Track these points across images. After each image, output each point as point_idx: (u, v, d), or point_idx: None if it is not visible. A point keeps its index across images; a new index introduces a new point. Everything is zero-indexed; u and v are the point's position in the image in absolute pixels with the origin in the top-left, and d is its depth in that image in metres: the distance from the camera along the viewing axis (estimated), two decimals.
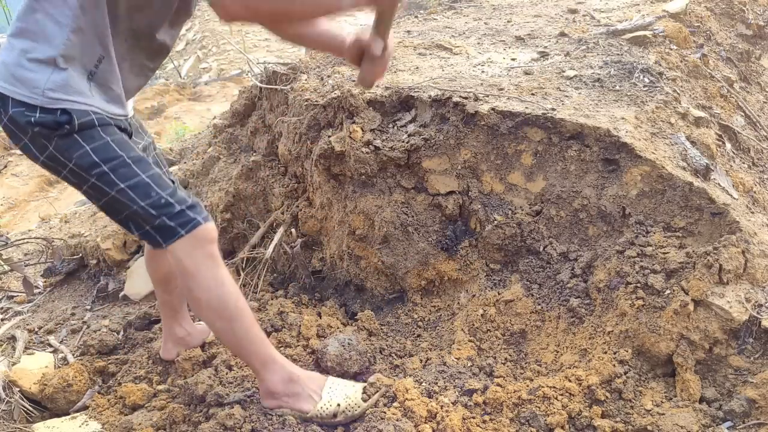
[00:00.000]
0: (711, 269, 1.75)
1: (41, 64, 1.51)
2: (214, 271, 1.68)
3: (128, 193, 1.62)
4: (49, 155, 1.60)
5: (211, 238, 1.70)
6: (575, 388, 1.76)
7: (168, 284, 2.10)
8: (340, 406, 1.77)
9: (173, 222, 1.64)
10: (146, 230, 1.67)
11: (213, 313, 1.71)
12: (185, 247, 1.65)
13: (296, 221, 2.68)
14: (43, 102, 1.52)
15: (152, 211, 1.63)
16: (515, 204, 2.22)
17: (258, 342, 1.75)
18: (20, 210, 5.11)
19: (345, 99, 2.32)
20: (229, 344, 1.78)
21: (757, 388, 1.65)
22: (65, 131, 1.55)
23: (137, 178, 1.63)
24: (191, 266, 1.66)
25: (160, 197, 1.64)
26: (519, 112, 2.14)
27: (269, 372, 1.76)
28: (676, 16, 3.02)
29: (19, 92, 1.52)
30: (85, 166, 1.59)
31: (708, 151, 2.20)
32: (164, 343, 2.20)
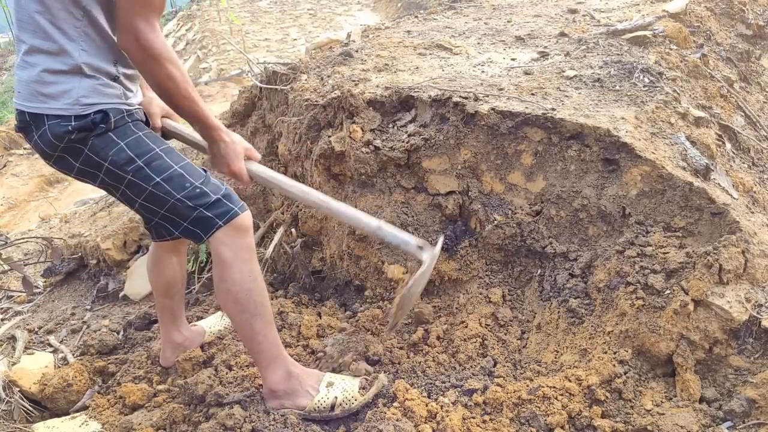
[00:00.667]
0: (711, 269, 1.75)
1: (67, 75, 1.54)
2: (249, 265, 1.70)
3: (164, 186, 1.63)
4: (84, 160, 1.61)
5: (248, 226, 1.71)
6: (575, 388, 1.76)
7: (170, 290, 2.10)
8: (338, 399, 1.79)
9: (210, 212, 1.66)
10: (185, 226, 1.68)
11: (238, 306, 1.72)
12: (224, 237, 1.67)
13: (296, 221, 2.69)
14: (78, 110, 1.54)
15: (188, 203, 1.64)
16: (515, 204, 2.22)
17: (271, 341, 1.78)
18: (20, 210, 5.11)
19: (345, 99, 2.32)
20: (245, 337, 1.80)
21: (757, 388, 1.64)
22: (101, 130, 1.58)
23: (171, 170, 1.64)
24: (229, 257, 1.68)
25: (195, 187, 1.65)
26: (519, 112, 2.14)
27: (272, 370, 1.78)
28: (676, 16, 3.02)
29: (51, 106, 1.54)
30: (121, 163, 1.61)
31: (708, 151, 2.20)
32: (163, 351, 2.20)
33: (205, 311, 2.58)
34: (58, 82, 1.54)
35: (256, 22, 10.59)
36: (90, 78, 1.56)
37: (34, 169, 5.78)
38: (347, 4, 11.87)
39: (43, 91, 1.54)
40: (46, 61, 1.53)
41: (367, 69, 2.65)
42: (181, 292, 2.17)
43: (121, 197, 1.71)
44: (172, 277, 2.08)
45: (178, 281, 2.12)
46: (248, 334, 1.77)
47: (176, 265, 2.08)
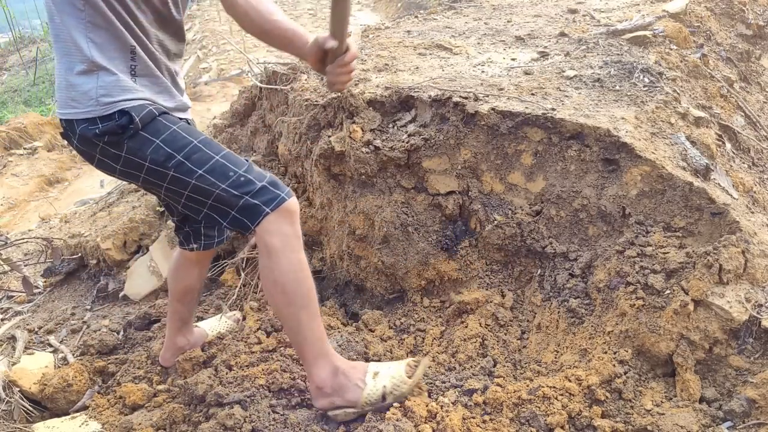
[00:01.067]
0: (711, 269, 1.75)
1: (84, 74, 1.53)
2: (297, 254, 1.66)
3: (208, 177, 1.60)
4: (124, 162, 1.60)
5: (296, 212, 1.68)
6: (575, 388, 1.76)
7: (186, 296, 2.10)
8: (386, 387, 1.74)
9: (257, 200, 1.61)
10: (233, 216, 1.63)
11: (285, 297, 1.67)
12: (272, 224, 1.62)
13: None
14: (100, 111, 1.53)
15: (234, 191, 1.60)
16: (515, 204, 2.22)
17: (318, 334, 1.72)
18: (20, 210, 5.11)
19: (345, 99, 2.32)
20: (291, 331, 1.74)
21: (757, 388, 1.64)
22: (132, 132, 1.56)
23: (213, 161, 1.61)
24: (278, 244, 1.62)
25: (239, 176, 1.62)
26: (519, 112, 2.14)
27: (319, 367, 1.73)
28: (676, 16, 3.02)
29: (79, 110, 1.54)
30: (161, 160, 1.58)
31: (708, 151, 2.20)
32: (164, 352, 2.20)
33: (205, 311, 2.58)
34: (79, 83, 1.53)
35: None
36: (106, 73, 1.54)
37: (34, 169, 5.78)
38: None
39: (71, 95, 1.54)
40: (66, 63, 1.53)
41: (367, 69, 2.65)
42: (196, 300, 2.17)
43: (166, 195, 1.69)
44: (191, 285, 2.08)
45: (195, 290, 2.11)
46: (295, 327, 1.71)
47: (196, 276, 2.07)
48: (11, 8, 7.04)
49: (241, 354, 2.11)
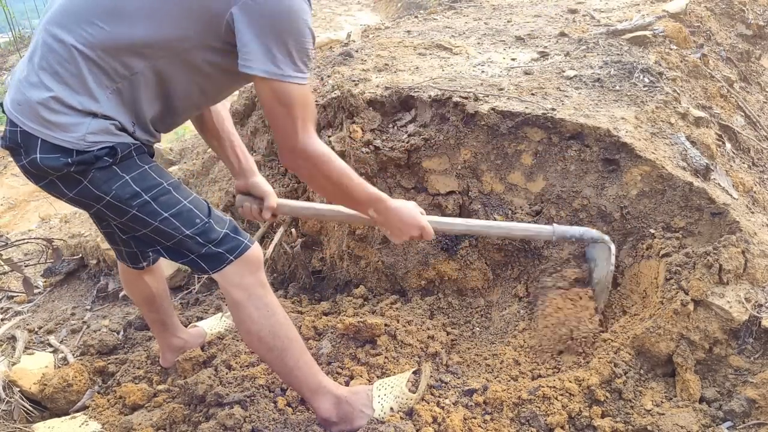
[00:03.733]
0: (711, 269, 1.75)
1: (80, 113, 1.42)
2: (264, 300, 1.63)
3: (172, 222, 1.55)
4: (81, 191, 1.50)
5: (259, 259, 1.65)
6: (575, 388, 1.76)
7: (152, 304, 2.06)
8: (394, 409, 1.74)
9: (221, 248, 1.59)
10: (191, 258, 1.60)
11: (263, 345, 1.66)
12: (234, 274, 1.60)
13: (296, 221, 2.68)
14: (83, 146, 1.43)
15: (199, 239, 1.57)
16: (515, 204, 2.22)
17: (307, 370, 1.71)
18: (20, 210, 5.10)
19: (345, 99, 2.32)
20: (280, 374, 1.75)
21: (757, 388, 1.64)
22: (106, 164, 1.47)
23: (180, 205, 1.56)
24: (242, 298, 1.61)
25: (204, 223, 1.58)
26: (519, 112, 2.14)
27: (320, 400, 1.72)
28: (676, 16, 3.02)
29: (55, 135, 1.41)
30: (125, 197, 1.51)
31: (708, 151, 2.20)
32: (163, 354, 2.19)
33: (204, 311, 2.58)
34: (66, 114, 1.41)
35: None
36: (104, 119, 1.45)
37: None
38: (347, 4, 11.86)
39: (49, 118, 1.41)
40: (62, 92, 1.41)
41: (367, 69, 2.65)
42: (166, 303, 2.11)
43: (119, 225, 1.62)
44: (149, 294, 2.03)
45: (158, 295, 2.06)
46: (283, 370, 1.70)
47: (151, 282, 2.02)
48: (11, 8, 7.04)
49: (241, 354, 2.10)
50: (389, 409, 1.74)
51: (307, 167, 1.54)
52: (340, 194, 1.65)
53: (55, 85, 1.41)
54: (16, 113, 1.43)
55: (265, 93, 1.43)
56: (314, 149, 1.50)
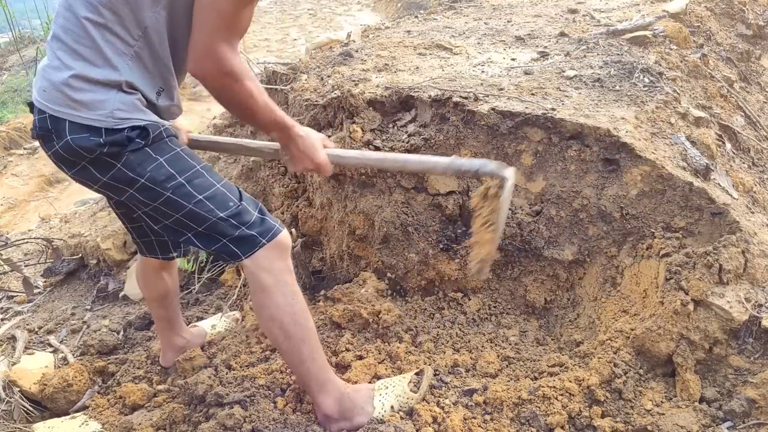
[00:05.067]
0: (711, 269, 1.75)
1: (104, 86, 1.42)
2: (291, 287, 1.62)
3: (207, 204, 1.54)
4: (114, 175, 1.49)
5: (289, 247, 1.64)
6: (575, 388, 1.76)
7: (163, 301, 2.08)
8: (394, 408, 1.73)
9: (253, 231, 1.57)
10: (223, 243, 1.58)
11: (283, 333, 1.64)
12: (265, 258, 1.58)
13: (296, 221, 2.68)
14: (111, 124, 1.43)
15: (233, 221, 1.56)
16: (515, 204, 2.22)
17: (320, 365, 1.70)
18: (20, 210, 5.11)
19: (345, 99, 2.32)
20: (293, 364, 1.71)
21: (757, 388, 1.64)
22: (138, 146, 1.47)
23: (214, 188, 1.56)
24: (270, 283, 1.59)
25: (237, 206, 1.57)
26: (519, 112, 2.14)
27: (325, 395, 1.71)
28: (676, 16, 3.02)
29: (82, 115, 1.42)
30: (160, 179, 1.50)
31: (708, 151, 2.20)
32: (164, 353, 2.19)
33: (205, 311, 2.58)
34: (91, 90, 1.41)
35: (256, 22, 10.59)
36: (128, 94, 1.45)
37: (34, 169, 5.78)
38: (347, 4, 11.87)
39: (74, 97, 1.41)
40: (83, 68, 1.41)
41: (367, 69, 2.65)
42: (176, 301, 2.14)
43: (150, 212, 1.58)
44: (164, 290, 2.05)
45: (171, 293, 2.08)
46: (296, 361, 1.68)
47: (167, 279, 2.04)
48: (11, 8, 7.04)
49: (241, 354, 2.11)
50: (390, 407, 1.74)
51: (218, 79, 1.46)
52: (242, 114, 1.61)
53: (74, 63, 1.41)
54: (43, 100, 1.44)
55: None
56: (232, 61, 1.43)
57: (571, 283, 2.20)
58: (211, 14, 1.39)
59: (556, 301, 2.24)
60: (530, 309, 2.27)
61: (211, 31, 1.40)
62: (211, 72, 1.45)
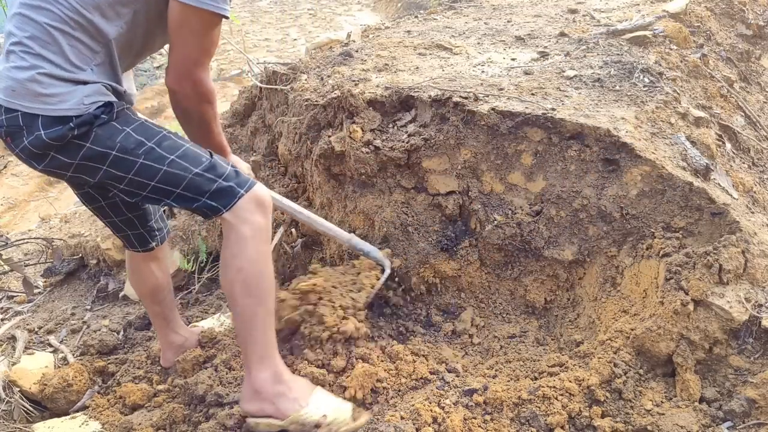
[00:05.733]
0: (711, 269, 1.75)
1: (69, 82, 1.49)
2: (265, 246, 1.65)
3: (180, 163, 1.58)
4: (85, 154, 1.52)
5: (269, 202, 1.68)
6: (575, 388, 1.76)
7: (156, 296, 2.08)
8: (327, 418, 1.66)
9: (231, 182, 1.62)
10: (203, 201, 1.60)
11: (245, 288, 1.62)
12: (245, 209, 1.61)
13: (296, 221, 2.68)
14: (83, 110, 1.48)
15: (209, 175, 1.60)
16: (515, 204, 2.22)
17: (268, 336, 1.68)
18: (20, 210, 5.11)
19: (345, 99, 2.32)
20: (242, 325, 1.67)
21: (757, 388, 1.64)
22: (104, 121, 1.52)
23: (184, 147, 1.62)
24: (248, 233, 1.60)
25: (209, 160, 1.63)
26: (519, 112, 2.14)
27: (262, 368, 1.67)
28: (676, 16, 3.02)
29: (53, 108, 1.46)
30: (131, 147, 1.55)
31: (708, 151, 2.20)
32: (163, 353, 2.20)
33: (205, 311, 2.58)
34: (58, 85, 1.47)
35: (256, 22, 10.59)
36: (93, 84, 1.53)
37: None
38: (347, 4, 11.86)
39: (44, 91, 1.45)
40: (49, 67, 1.47)
41: (367, 69, 2.65)
42: (169, 297, 2.14)
43: (126, 187, 1.59)
44: (155, 284, 2.05)
45: (163, 286, 2.08)
46: (248, 321, 1.65)
47: (157, 272, 2.04)
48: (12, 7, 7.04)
49: (241, 354, 2.10)
50: (322, 414, 1.65)
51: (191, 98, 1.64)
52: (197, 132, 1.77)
53: (41, 63, 1.47)
54: (12, 98, 1.47)
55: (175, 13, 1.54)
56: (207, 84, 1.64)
57: (571, 283, 2.20)
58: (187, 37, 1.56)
59: (556, 301, 2.24)
60: (530, 309, 2.27)
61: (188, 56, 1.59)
62: (188, 93, 1.64)
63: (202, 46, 1.58)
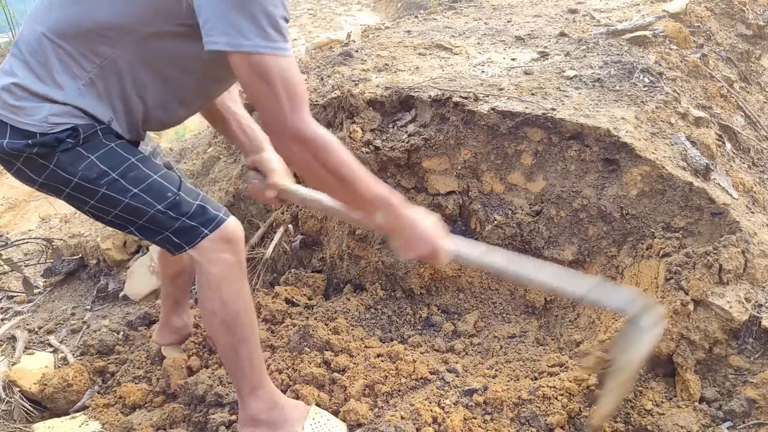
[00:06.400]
0: (711, 269, 1.75)
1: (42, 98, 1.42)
2: (238, 283, 1.57)
3: (143, 197, 1.51)
4: (48, 176, 1.49)
5: (238, 239, 1.58)
6: (575, 388, 1.76)
7: (177, 279, 2.09)
8: None
9: (195, 221, 1.53)
10: (165, 235, 1.55)
11: (224, 328, 1.59)
12: (210, 249, 1.54)
13: (296, 221, 2.68)
14: (45, 129, 1.42)
15: (171, 213, 1.52)
16: (515, 204, 2.22)
17: (256, 366, 1.66)
18: (20, 210, 5.10)
19: (345, 99, 2.32)
20: (228, 362, 1.67)
21: (757, 388, 1.64)
22: (69, 146, 1.44)
23: (150, 180, 1.52)
24: (216, 274, 1.55)
25: (175, 196, 1.53)
26: (519, 112, 2.14)
27: (255, 398, 1.67)
28: (676, 16, 3.02)
29: (19, 120, 1.42)
30: (93, 177, 1.48)
31: (708, 151, 2.20)
32: (160, 329, 2.20)
33: None
34: (27, 98, 1.42)
35: None
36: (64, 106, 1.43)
37: None
38: (347, 4, 11.86)
39: (11, 102, 1.41)
40: (26, 78, 1.42)
41: (367, 69, 2.65)
42: (188, 282, 2.15)
43: (90, 210, 1.57)
44: (180, 268, 2.06)
45: (186, 271, 2.08)
46: (233, 359, 1.63)
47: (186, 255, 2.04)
48: (11, 8, 7.04)
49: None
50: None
51: (300, 153, 1.34)
52: (341, 189, 1.43)
53: (21, 72, 1.42)
54: None
55: (239, 70, 1.30)
56: (308, 131, 1.32)
57: None
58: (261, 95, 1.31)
59: (556, 301, 2.24)
60: (530, 309, 2.27)
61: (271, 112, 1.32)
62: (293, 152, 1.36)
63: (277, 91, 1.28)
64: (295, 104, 1.30)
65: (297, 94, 1.31)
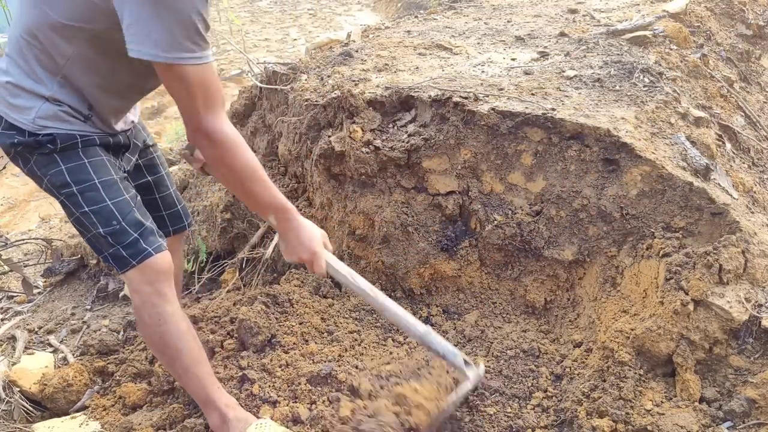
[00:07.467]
0: (711, 269, 1.75)
1: (33, 95, 1.57)
2: (157, 309, 1.68)
3: (91, 217, 1.65)
4: (30, 169, 1.66)
5: (162, 270, 1.69)
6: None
7: None
8: None
9: (126, 252, 1.66)
10: (105, 256, 1.70)
11: (155, 349, 1.78)
12: (134, 279, 1.67)
13: None
14: (33, 128, 1.58)
15: (110, 239, 1.66)
16: (515, 204, 2.22)
17: (197, 382, 1.74)
18: (20, 210, 5.10)
19: (345, 99, 2.32)
20: (174, 377, 1.85)
21: (757, 388, 1.64)
22: (47, 150, 1.60)
23: (102, 204, 1.65)
24: (137, 301, 1.69)
25: (118, 224, 1.66)
26: (519, 112, 2.14)
27: (209, 411, 1.77)
28: (676, 16, 3.02)
29: (12, 116, 1.58)
30: (56, 184, 1.64)
31: (708, 151, 2.20)
32: None
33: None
34: (22, 96, 1.57)
35: (256, 22, 10.59)
36: (54, 104, 1.58)
37: None
38: (347, 4, 11.86)
39: (9, 99, 1.58)
40: (18, 77, 1.57)
41: (367, 69, 2.65)
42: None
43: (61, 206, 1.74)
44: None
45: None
46: (174, 375, 1.80)
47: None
48: (11, 8, 7.05)
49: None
50: None
51: (210, 149, 1.52)
52: (240, 188, 1.62)
53: (13, 71, 1.58)
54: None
55: (160, 74, 1.44)
56: (218, 132, 1.48)
57: (571, 283, 2.20)
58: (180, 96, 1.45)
59: (556, 301, 2.24)
60: (530, 309, 2.27)
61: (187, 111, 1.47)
62: (204, 147, 1.53)
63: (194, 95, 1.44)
64: (209, 106, 1.46)
65: (212, 97, 1.46)
